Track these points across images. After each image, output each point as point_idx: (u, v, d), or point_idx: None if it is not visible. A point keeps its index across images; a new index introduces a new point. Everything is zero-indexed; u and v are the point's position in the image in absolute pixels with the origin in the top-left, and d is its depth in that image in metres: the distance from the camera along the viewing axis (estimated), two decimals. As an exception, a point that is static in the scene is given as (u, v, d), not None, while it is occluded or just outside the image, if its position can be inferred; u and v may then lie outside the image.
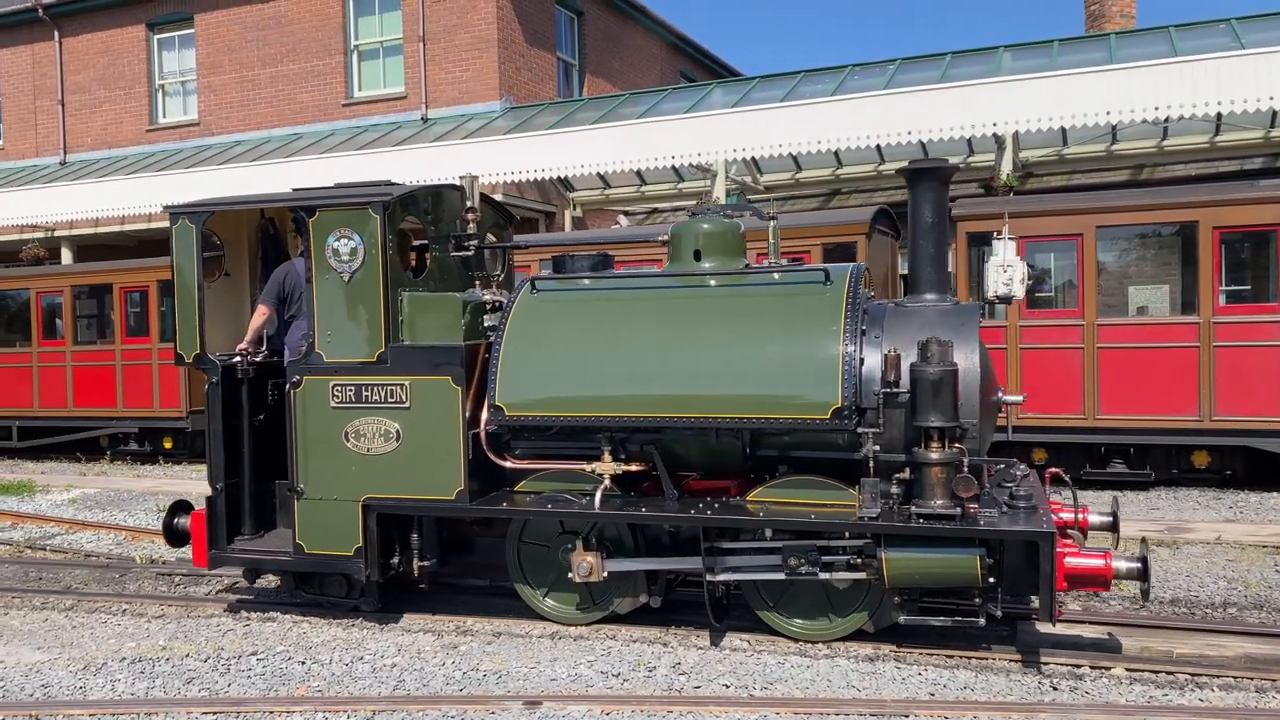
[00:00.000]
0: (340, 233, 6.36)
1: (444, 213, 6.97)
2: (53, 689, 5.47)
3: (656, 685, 5.31)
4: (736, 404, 5.73)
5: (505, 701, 5.06)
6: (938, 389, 5.31)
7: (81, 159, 22.01)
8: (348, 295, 6.38)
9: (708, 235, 6.31)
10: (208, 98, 20.91)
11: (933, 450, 5.35)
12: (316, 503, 6.48)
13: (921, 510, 5.37)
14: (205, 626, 6.55)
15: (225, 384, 6.80)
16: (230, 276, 7.53)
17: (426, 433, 6.26)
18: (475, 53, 18.39)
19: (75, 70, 22.22)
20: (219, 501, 6.77)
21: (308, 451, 6.49)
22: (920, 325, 5.77)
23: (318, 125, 19.64)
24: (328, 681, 5.49)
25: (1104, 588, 5.56)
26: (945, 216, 6.20)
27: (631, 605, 6.29)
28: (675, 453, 6.15)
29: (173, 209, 6.88)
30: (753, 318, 5.96)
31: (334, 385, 6.41)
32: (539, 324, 6.29)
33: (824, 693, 5.15)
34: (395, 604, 6.81)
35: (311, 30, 19.66)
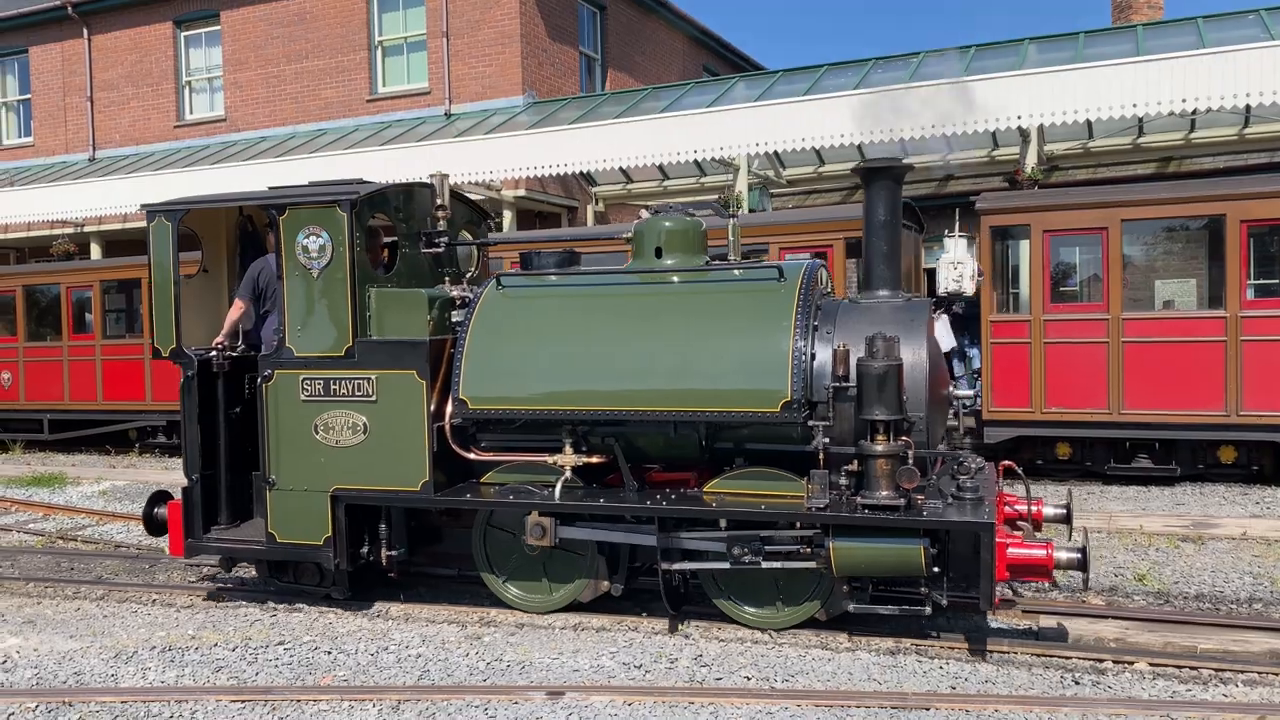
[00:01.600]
0: (309, 230, 6.50)
1: (415, 210, 7.10)
2: (85, 677, 5.57)
3: (678, 676, 5.35)
4: (692, 398, 5.89)
5: (529, 691, 5.11)
6: (882, 383, 5.45)
7: (110, 155, 22.25)
8: (316, 291, 6.53)
9: (669, 233, 6.49)
10: (234, 94, 21.09)
11: (878, 443, 5.48)
12: (288, 493, 6.63)
13: (867, 501, 5.50)
14: (233, 616, 6.65)
15: (201, 377, 6.96)
16: (209, 273, 7.71)
17: (393, 425, 6.41)
18: (498, 48, 18.45)
19: (104, 67, 22.46)
20: (194, 492, 6.94)
21: (279, 443, 6.64)
22: (871, 321, 5.92)
23: (342, 121, 19.77)
24: (353, 671, 5.56)
25: (1047, 577, 5.65)
26: (899, 215, 6.34)
27: (593, 593, 6.43)
28: (637, 445, 6.29)
29: (149, 207, 7.05)
30: (708, 314, 6.13)
31: (304, 379, 6.57)
32: (503, 320, 6.44)
33: (845, 685, 5.17)
34: (368, 592, 6.97)
35: (336, 26, 19.78)
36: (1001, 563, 5.40)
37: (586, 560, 6.40)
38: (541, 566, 6.54)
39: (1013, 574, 5.55)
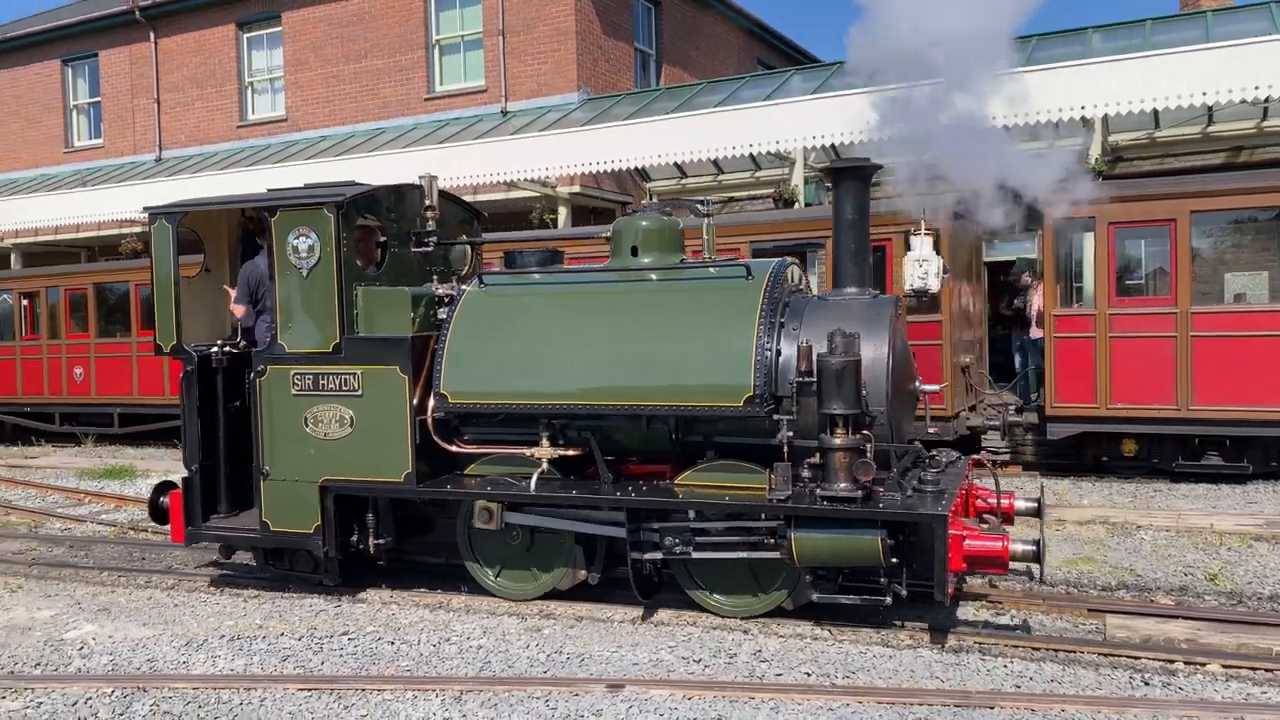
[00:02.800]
0: (299, 231, 6.73)
1: (406, 210, 7.30)
2: (158, 663, 5.73)
3: (738, 671, 5.34)
4: (661, 393, 6.10)
5: (589, 684, 5.14)
6: (840, 378, 5.59)
7: (176, 155, 22.76)
8: (306, 289, 6.76)
9: (645, 232, 6.68)
10: (295, 94, 21.44)
11: (837, 436, 5.63)
12: (280, 483, 6.89)
13: (825, 493, 5.64)
14: (299, 606, 6.78)
15: (202, 373, 7.23)
16: (211, 272, 7.98)
17: (377, 419, 6.64)
18: (554, 45, 18.53)
19: (170, 69, 22.98)
20: (194, 482, 7.22)
21: (272, 436, 6.90)
22: (836, 318, 6.06)
23: (400, 120, 20.00)
24: (416, 661, 5.64)
25: (1002, 569, 5.76)
26: (866, 213, 6.42)
27: (571, 581, 6.64)
28: (613, 439, 6.50)
29: (151, 209, 7.33)
30: (677, 311, 6.32)
31: (294, 374, 6.83)
32: (484, 317, 6.66)
33: (907, 683, 5.12)
34: (358, 579, 7.19)
35: (394, 26, 20.01)
36: (958, 554, 5.50)
37: (565, 550, 6.58)
38: (523, 556, 6.72)
39: (970, 565, 5.65)
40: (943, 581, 5.44)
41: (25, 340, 17.10)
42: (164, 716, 4.94)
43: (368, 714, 4.91)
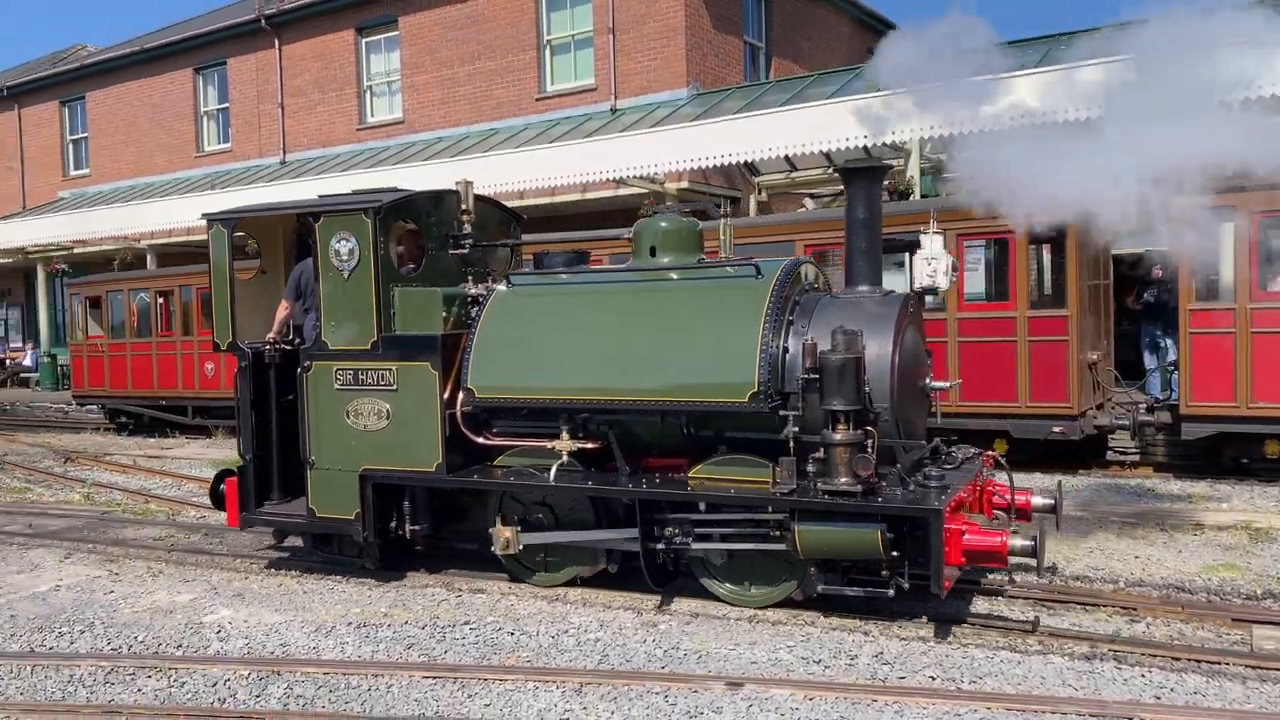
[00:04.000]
0: (340, 235, 7.07)
1: (444, 215, 7.61)
2: (290, 648, 5.93)
3: (859, 673, 5.24)
4: (672, 389, 6.29)
5: (708, 681, 5.12)
6: (841, 375, 5.67)
7: (299, 158, 23.62)
8: (347, 290, 7.11)
9: (664, 233, 6.91)
10: (411, 96, 22.01)
11: (838, 432, 5.71)
12: (324, 472, 7.27)
13: (827, 487, 5.74)
14: (421, 596, 6.94)
15: (255, 368, 7.66)
16: (267, 274, 8.42)
17: (411, 412, 6.98)
18: (663, 41, 18.55)
19: (293, 75, 23.86)
20: (249, 471, 7.66)
21: (318, 427, 7.29)
22: (843, 316, 6.18)
23: (512, 120, 20.32)
24: (536, 653, 5.71)
25: (1001, 564, 5.83)
26: (878, 213, 6.55)
27: (592, 570, 6.91)
28: (631, 433, 6.68)
29: (208, 216, 7.75)
30: (689, 310, 6.53)
31: (337, 369, 7.20)
32: (510, 316, 7.00)
33: (1038, 690, 4.95)
34: (399, 564, 7.55)
35: (507, 27, 20.34)
36: (957, 548, 5.56)
37: None
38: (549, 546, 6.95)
39: (969, 559, 5.72)
40: (939, 574, 5.49)
41: (160, 337, 17.96)
42: (297, 699, 5.12)
43: (490, 703, 4.99)
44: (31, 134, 30.19)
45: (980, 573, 6.72)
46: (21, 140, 30.37)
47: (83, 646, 6.07)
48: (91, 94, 28.48)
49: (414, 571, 7.48)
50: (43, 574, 7.87)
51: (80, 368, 19.10)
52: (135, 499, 11.40)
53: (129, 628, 6.37)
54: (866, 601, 6.07)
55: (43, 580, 7.67)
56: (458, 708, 4.96)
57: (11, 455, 15.43)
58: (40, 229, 25.27)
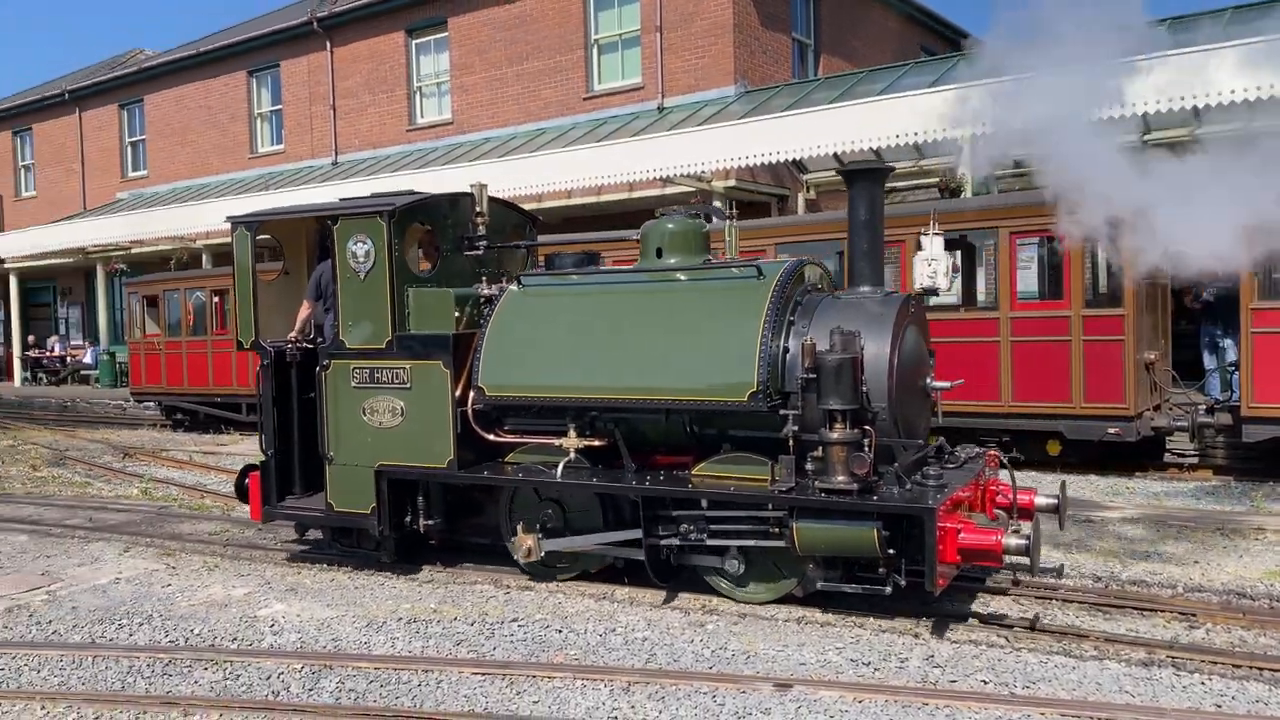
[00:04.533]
0: (357, 238, 7.26)
1: (459, 217, 7.79)
2: (342, 643, 6.01)
3: (909, 676, 5.19)
4: (675, 388, 6.38)
5: (756, 682, 5.09)
6: (838, 375, 5.76)
7: (350, 159, 23.92)
8: (363, 291, 7.29)
9: (670, 234, 7.02)
10: (460, 97, 22.18)
11: (834, 431, 5.80)
12: (342, 468, 7.48)
13: (824, 485, 5.84)
14: (470, 593, 6.99)
15: (277, 366, 7.90)
16: (290, 275, 8.63)
17: (424, 409, 7.16)
18: (710, 39, 18.50)
19: (344, 77, 24.16)
20: (270, 466, 7.89)
21: (336, 424, 7.50)
22: (843, 316, 6.27)
23: (560, 120, 20.40)
24: (584, 650, 5.72)
25: (997, 562, 5.87)
26: (880, 214, 6.60)
27: (599, 564, 7.08)
28: (638, 431, 6.80)
29: (232, 219, 7.99)
30: (693, 310, 6.62)
31: (354, 368, 7.39)
32: (519, 315, 7.12)
33: (1093, 696, 4.86)
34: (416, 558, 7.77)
35: (554, 27, 20.42)
36: (952, 547, 5.61)
37: None
38: None
39: (964, 558, 5.77)
40: (932, 572, 5.52)
41: (215, 335, 18.28)
42: (349, 693, 5.18)
43: (539, 700, 5.01)
44: (92, 137, 30.91)
45: (1031, 578, 6.62)
46: (82, 143, 31.11)
47: (141, 638, 6.21)
48: (149, 97, 29.09)
49: (430, 565, 7.67)
50: (103, 567, 8.05)
51: (138, 365, 19.52)
52: (191, 494, 11.63)
53: (186, 620, 6.50)
54: (864, 599, 6.15)
55: (103, 573, 7.85)
56: (506, 704, 4.99)
57: (73, 450, 15.81)
58: (100, 229, 25.87)
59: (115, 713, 5.02)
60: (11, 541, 9.14)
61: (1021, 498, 6.59)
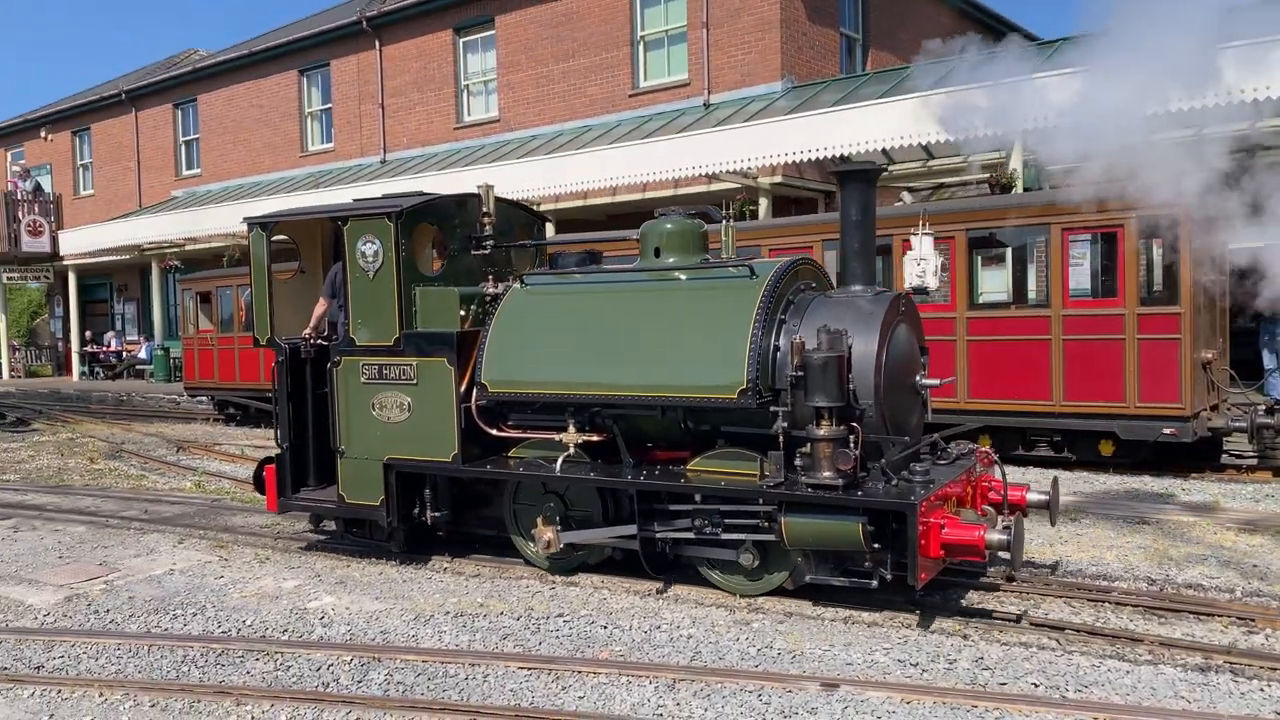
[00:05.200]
0: (365, 238, 7.47)
1: (468, 217, 7.99)
2: (390, 635, 6.08)
3: (958, 678, 5.13)
4: (669, 385, 6.53)
5: (802, 681, 5.07)
6: (824, 372, 5.89)
7: (399, 157, 24.15)
8: (372, 290, 7.50)
9: (669, 234, 7.17)
10: (507, 95, 22.30)
11: (821, 427, 5.93)
12: (353, 461, 7.71)
13: (810, 480, 5.96)
14: (516, 588, 7.03)
15: (292, 362, 8.14)
16: (305, 274, 8.86)
17: (430, 405, 7.37)
18: (758, 35, 18.41)
19: (393, 75, 24.40)
20: (285, 458, 8.14)
21: (347, 418, 7.73)
22: (832, 315, 6.40)
23: (605, 117, 20.43)
24: (629, 647, 5.73)
25: (980, 557, 5.94)
26: (872, 214, 6.71)
27: (599, 557, 7.26)
28: (636, 426, 6.96)
29: (248, 220, 8.25)
30: (687, 309, 6.78)
31: (363, 364, 7.62)
32: (521, 313, 7.32)
33: (1148, 701, 4.77)
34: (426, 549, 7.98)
35: (600, 24, 20.45)
36: (936, 541, 5.73)
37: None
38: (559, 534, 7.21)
39: (948, 553, 5.86)
40: (914, 566, 5.63)
41: (268, 331, 18.56)
42: (397, 686, 5.24)
43: (584, 695, 5.03)
44: (147, 135, 31.54)
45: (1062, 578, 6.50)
46: (138, 141, 31.75)
47: (195, 629, 6.33)
48: (203, 96, 29.61)
49: (438, 556, 7.88)
50: (158, 558, 8.22)
51: (191, 360, 19.89)
52: (243, 488, 11.80)
53: (238, 612, 6.61)
54: (853, 592, 6.31)
55: (158, 564, 8.01)
56: (552, 699, 5.01)
57: (129, 444, 16.15)
58: (155, 227, 26.39)
59: (170, 701, 5.12)
60: (71, 532, 9.37)
61: (1013, 494, 6.72)
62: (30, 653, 5.93)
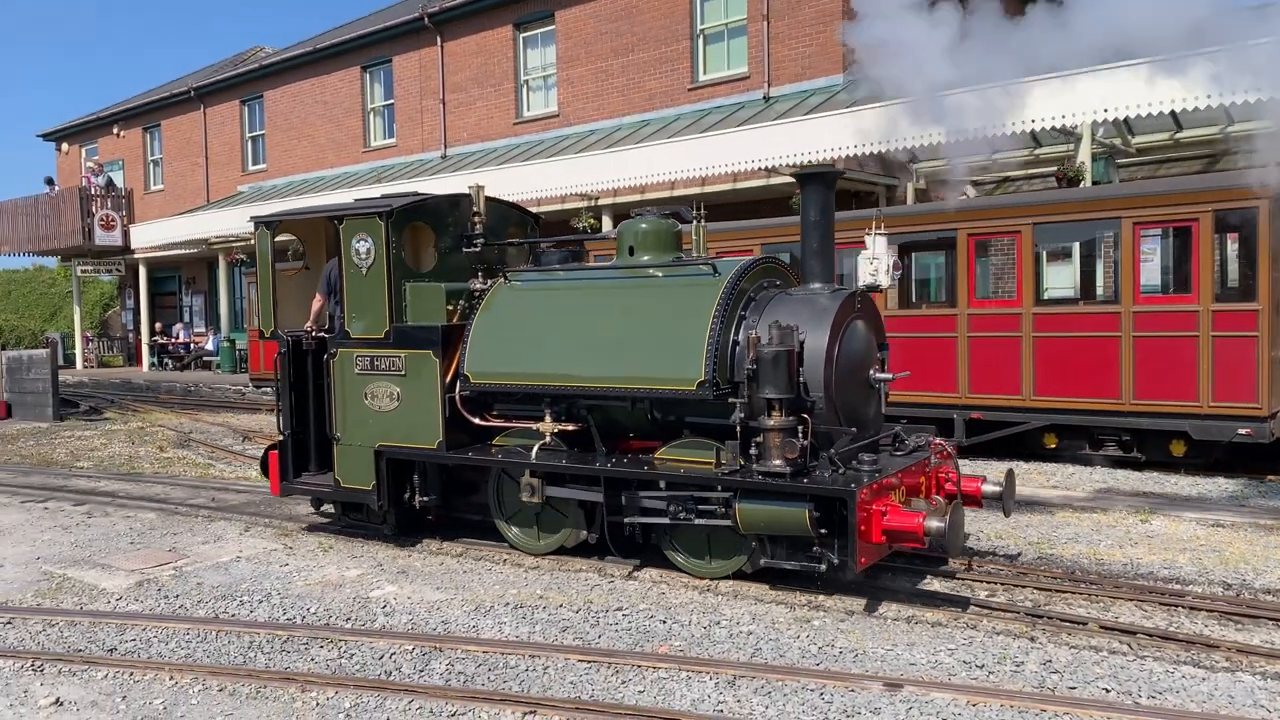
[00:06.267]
0: (359, 236, 7.88)
1: (460, 217, 8.36)
2: (451, 625, 6.13)
3: (1026, 681, 5.02)
4: (636, 377, 6.86)
5: (865, 680, 5.00)
6: (775, 366, 6.21)
7: (459, 152, 24.35)
8: (365, 285, 7.92)
9: (643, 234, 7.45)
10: (566, 90, 22.34)
11: (771, 418, 6.23)
12: (348, 447, 8.14)
13: (760, 468, 6.27)
14: (575, 580, 7.05)
15: (294, 354, 8.57)
16: (310, 270, 9.24)
17: (417, 395, 7.75)
18: (819, 27, 18.21)
19: (454, 71, 24.58)
20: (287, 445, 8.60)
21: (342, 407, 8.15)
22: (788, 312, 6.67)
23: (665, 111, 20.36)
24: (688, 643, 5.71)
25: (919, 544, 6.13)
26: (831, 214, 6.99)
27: (575, 540, 7.49)
28: (609, 417, 7.31)
29: (254, 219, 8.73)
30: (655, 305, 7.08)
31: (357, 356, 8.02)
32: (503, 309, 7.69)
33: (1225, 710, 4.62)
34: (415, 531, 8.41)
35: (660, 18, 20.38)
36: (878, 527, 5.99)
37: (570, 516, 7.45)
38: (536, 517, 7.65)
39: (890, 539, 6.10)
40: (853, 550, 5.89)
41: (330, 323, 18.85)
42: (458, 676, 5.27)
43: (644, 690, 5.01)
44: (215, 131, 32.18)
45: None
46: (206, 137, 32.41)
47: (261, 615, 6.44)
48: (269, 93, 30.12)
49: (430, 539, 8.25)
50: (225, 545, 8.39)
51: (256, 352, 20.28)
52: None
53: (302, 599, 6.71)
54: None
55: (225, 551, 8.17)
56: (612, 693, 5.00)
57: (196, 433, 16.52)
58: (222, 221, 26.91)
59: (238, 685, 5.22)
60: (142, 519, 9.61)
61: (968, 485, 7.00)
62: (103, 635, 6.09)
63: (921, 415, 11.66)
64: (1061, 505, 9.10)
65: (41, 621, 6.38)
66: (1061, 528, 8.33)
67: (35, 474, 12.69)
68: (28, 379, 19.57)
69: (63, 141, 38.23)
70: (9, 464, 13.66)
